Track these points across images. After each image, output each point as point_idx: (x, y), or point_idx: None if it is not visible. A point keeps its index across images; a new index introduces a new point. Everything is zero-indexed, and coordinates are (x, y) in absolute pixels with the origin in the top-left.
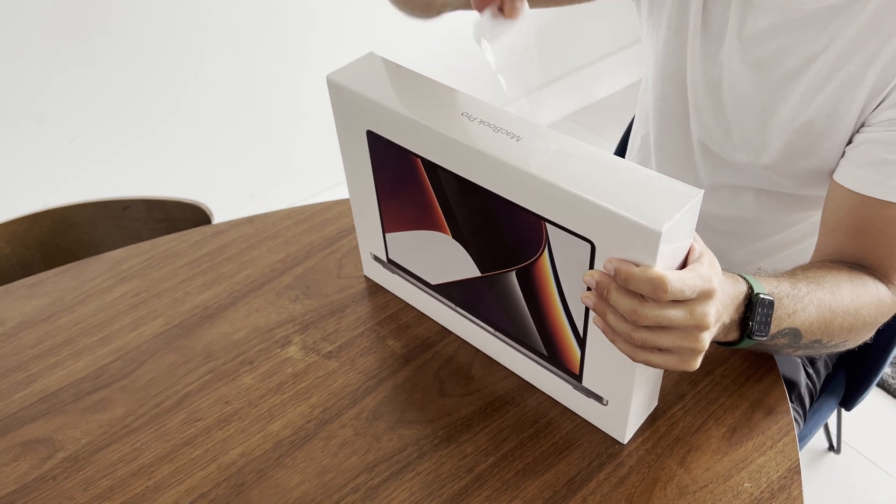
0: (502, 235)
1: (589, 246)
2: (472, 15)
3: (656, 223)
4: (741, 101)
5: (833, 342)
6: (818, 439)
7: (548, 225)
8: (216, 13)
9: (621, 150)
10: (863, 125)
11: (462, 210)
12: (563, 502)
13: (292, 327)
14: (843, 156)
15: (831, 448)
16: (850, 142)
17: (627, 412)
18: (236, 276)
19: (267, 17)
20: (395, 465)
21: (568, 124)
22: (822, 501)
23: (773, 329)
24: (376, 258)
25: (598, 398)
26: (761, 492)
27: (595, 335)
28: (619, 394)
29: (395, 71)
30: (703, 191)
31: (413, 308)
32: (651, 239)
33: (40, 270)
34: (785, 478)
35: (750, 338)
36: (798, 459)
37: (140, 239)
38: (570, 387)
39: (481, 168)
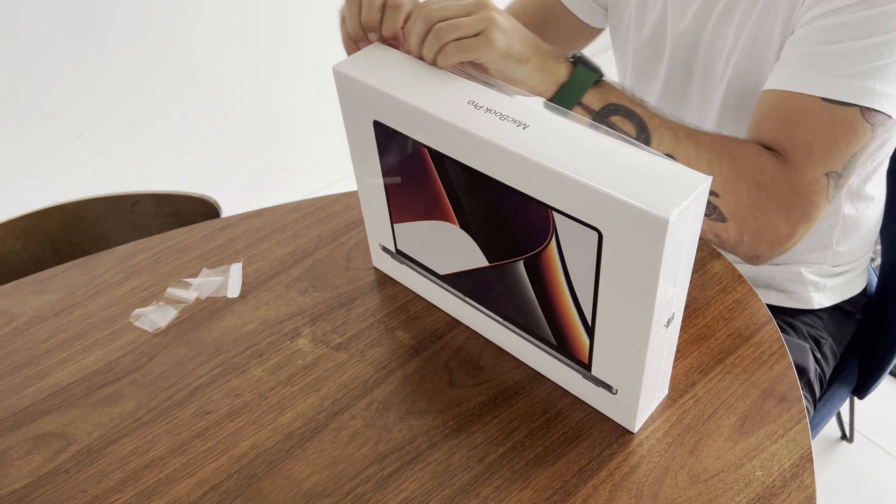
0: (510, 224)
1: (596, 234)
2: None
3: (664, 211)
4: (692, 54)
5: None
6: (830, 428)
7: (555, 213)
8: (224, 7)
9: None
10: None
11: (469, 199)
12: (574, 492)
13: (301, 319)
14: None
15: (844, 437)
16: None
17: (637, 400)
18: (245, 269)
19: (275, 11)
20: (406, 455)
21: None
22: (835, 490)
23: (610, 95)
24: (385, 249)
25: (608, 387)
26: (773, 480)
27: (604, 324)
28: (628, 382)
29: (401, 60)
30: (711, 177)
31: (422, 299)
32: (658, 227)
33: (51, 265)
34: (797, 466)
35: (582, 65)
36: (810, 447)
37: (149, 233)
38: (579, 376)
39: (487, 157)
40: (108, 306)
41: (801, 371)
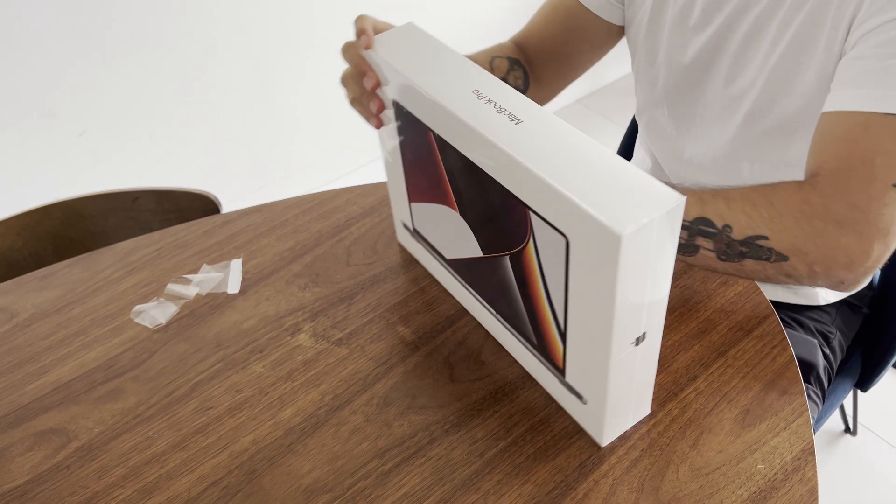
0: (497, 218)
1: (564, 240)
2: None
3: (620, 226)
4: (728, 49)
5: (739, 227)
6: (834, 421)
7: (531, 213)
8: (223, 5)
9: (630, 134)
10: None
11: (465, 188)
12: (575, 486)
13: (302, 315)
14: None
15: (847, 430)
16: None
17: (604, 414)
18: (246, 265)
19: (274, 9)
20: (406, 450)
21: (578, 108)
22: (839, 483)
23: None
24: (406, 227)
25: (579, 396)
26: (775, 473)
27: (574, 331)
28: (596, 394)
29: (426, 43)
30: (685, 197)
31: (421, 295)
32: (613, 242)
33: (52, 262)
34: (799, 459)
35: None
36: (812, 440)
37: (150, 229)
38: (556, 380)
39: (477, 147)
40: (108, 303)
41: (811, 367)
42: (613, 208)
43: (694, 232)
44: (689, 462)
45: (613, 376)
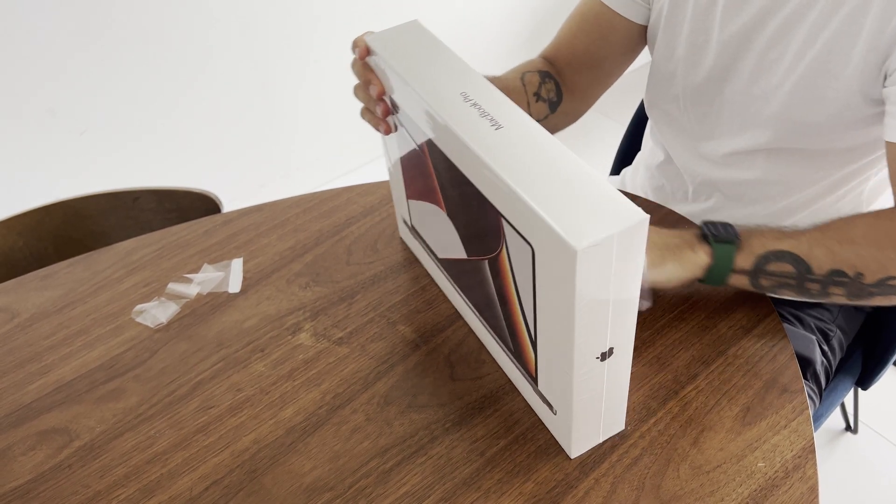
0: (477, 222)
1: (530, 248)
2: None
3: (577, 240)
4: (752, 49)
5: (871, 273)
6: (835, 419)
7: (503, 220)
8: (224, 4)
9: (634, 128)
10: (885, 77)
11: (449, 188)
12: (576, 484)
13: (303, 314)
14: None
15: (848, 428)
16: (882, 101)
17: (571, 427)
18: (246, 265)
19: (274, 9)
20: (407, 449)
21: None
22: (839, 481)
23: (753, 248)
24: (405, 222)
25: (550, 406)
26: (775, 471)
27: (543, 342)
28: (563, 407)
29: (426, 41)
30: (648, 216)
31: (422, 294)
32: (569, 256)
33: (53, 262)
34: (799, 457)
35: (716, 239)
36: (812, 438)
37: (151, 229)
38: (531, 389)
39: (457, 151)
40: (109, 302)
41: (808, 363)
42: (574, 222)
43: (828, 283)
44: (690, 460)
45: (578, 390)
